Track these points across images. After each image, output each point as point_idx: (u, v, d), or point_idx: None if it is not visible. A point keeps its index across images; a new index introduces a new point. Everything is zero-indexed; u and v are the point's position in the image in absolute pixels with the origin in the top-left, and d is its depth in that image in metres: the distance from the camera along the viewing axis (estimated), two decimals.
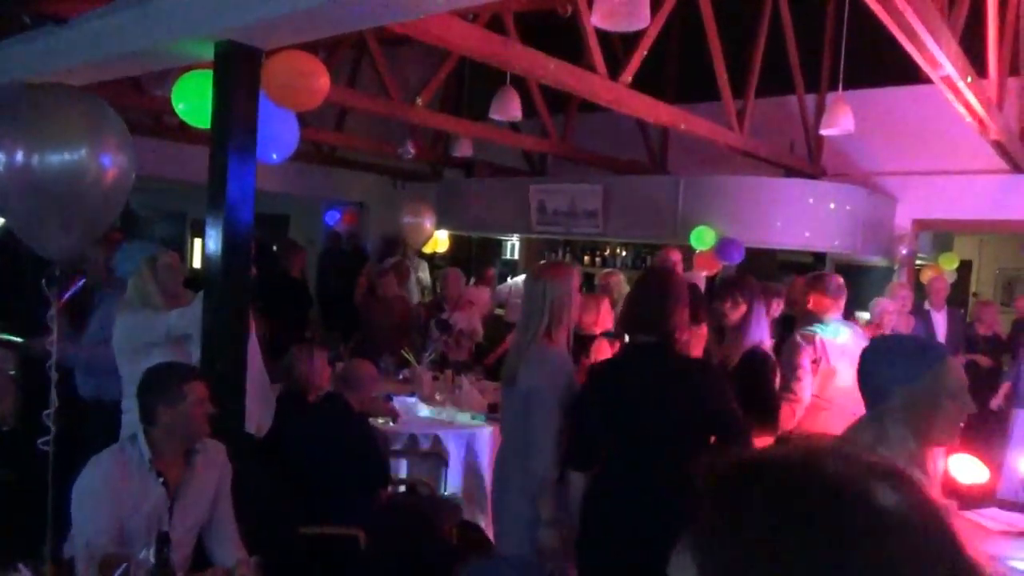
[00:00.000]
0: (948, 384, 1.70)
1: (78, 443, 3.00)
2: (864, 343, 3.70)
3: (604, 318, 4.18)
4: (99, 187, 2.95)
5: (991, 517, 4.83)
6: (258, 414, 3.18)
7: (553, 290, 2.80)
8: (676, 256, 5.69)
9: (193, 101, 3.25)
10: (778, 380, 3.40)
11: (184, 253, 11.91)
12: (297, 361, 3.69)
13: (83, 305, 3.93)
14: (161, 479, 2.36)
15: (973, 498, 3.72)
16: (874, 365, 1.81)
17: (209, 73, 2.89)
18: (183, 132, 6.17)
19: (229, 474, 2.58)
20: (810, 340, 3.57)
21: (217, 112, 2.83)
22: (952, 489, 3.52)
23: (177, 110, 3.34)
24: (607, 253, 9.27)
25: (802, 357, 3.50)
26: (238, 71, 2.79)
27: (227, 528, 2.54)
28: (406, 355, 5.46)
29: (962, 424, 1.71)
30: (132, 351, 3.12)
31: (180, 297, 3.27)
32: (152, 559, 2.04)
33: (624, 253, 9.18)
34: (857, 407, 1.89)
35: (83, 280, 3.75)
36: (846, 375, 3.43)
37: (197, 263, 11.20)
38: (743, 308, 3.33)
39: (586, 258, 9.40)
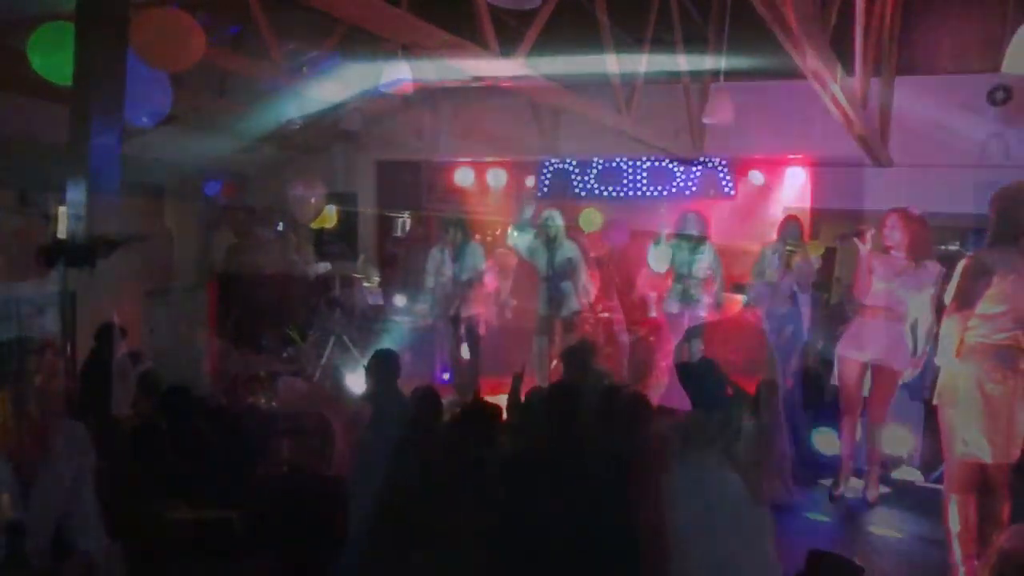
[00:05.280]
0: None
1: None
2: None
3: None
4: None
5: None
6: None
7: None
8: None
9: (52, 55, 2.98)
10: None
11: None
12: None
13: None
14: (10, 464, 2.19)
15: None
16: None
17: (70, 25, 2.67)
18: (42, 87, 5.65)
19: (91, 458, 2.42)
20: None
21: (79, 68, 2.61)
22: None
23: (33, 64, 3.06)
24: (498, 232, 9.30)
25: None
26: (103, 24, 2.58)
27: (89, 514, 2.38)
28: (291, 333, 5.30)
29: None
30: None
31: (31, 267, 3.00)
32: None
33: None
34: None
35: None
36: None
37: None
38: None
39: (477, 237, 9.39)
